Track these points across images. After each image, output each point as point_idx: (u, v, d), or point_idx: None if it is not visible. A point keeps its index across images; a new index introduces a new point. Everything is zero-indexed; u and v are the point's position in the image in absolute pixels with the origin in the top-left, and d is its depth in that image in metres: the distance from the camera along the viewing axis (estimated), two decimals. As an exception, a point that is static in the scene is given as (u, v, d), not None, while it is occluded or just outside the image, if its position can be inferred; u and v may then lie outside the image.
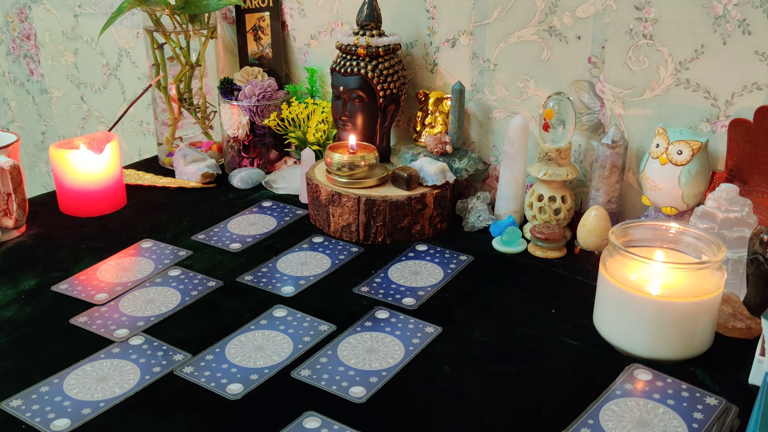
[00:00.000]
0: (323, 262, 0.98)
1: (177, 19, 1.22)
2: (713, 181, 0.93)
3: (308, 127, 1.21)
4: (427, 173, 1.03)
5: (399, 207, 1.01)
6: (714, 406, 0.68)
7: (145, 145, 1.71)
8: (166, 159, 1.31)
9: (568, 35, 1.02)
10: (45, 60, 1.85)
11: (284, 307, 0.87)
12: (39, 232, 1.06)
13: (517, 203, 1.06)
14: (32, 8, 1.81)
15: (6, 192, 1.00)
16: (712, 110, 0.93)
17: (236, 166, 1.26)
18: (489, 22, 1.08)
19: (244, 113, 1.22)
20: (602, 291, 0.80)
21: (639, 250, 0.79)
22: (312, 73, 1.28)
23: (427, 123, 1.15)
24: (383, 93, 1.10)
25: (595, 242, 0.95)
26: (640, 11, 0.95)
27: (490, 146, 1.15)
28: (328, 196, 1.03)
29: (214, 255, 1.00)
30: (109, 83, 1.71)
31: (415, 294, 0.90)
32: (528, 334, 0.82)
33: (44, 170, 2.02)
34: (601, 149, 0.97)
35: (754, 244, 0.79)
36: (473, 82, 1.13)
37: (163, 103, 1.30)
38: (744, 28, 0.88)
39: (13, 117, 2.04)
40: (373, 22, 1.09)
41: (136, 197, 1.17)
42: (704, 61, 0.92)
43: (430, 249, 1.01)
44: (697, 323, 0.75)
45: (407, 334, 0.81)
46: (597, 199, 1.00)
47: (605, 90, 1.01)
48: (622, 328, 0.77)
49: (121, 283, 0.92)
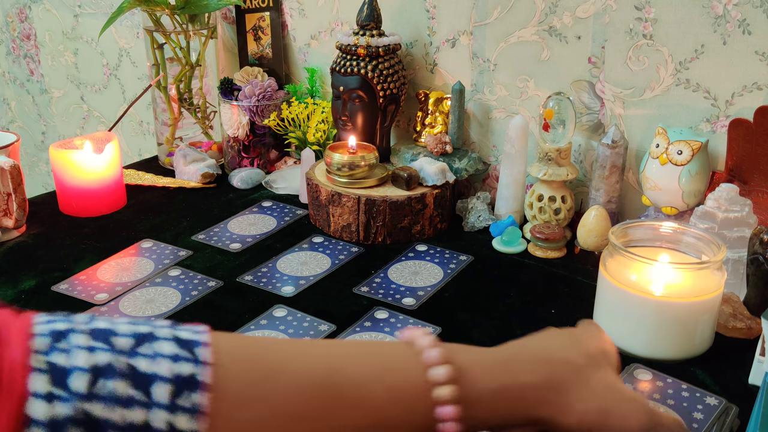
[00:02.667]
0: (323, 262, 0.98)
1: (177, 19, 1.22)
2: (713, 181, 0.93)
3: (308, 127, 1.21)
4: (427, 173, 1.03)
5: (399, 207, 1.01)
6: (714, 406, 0.68)
7: (145, 145, 1.71)
8: (166, 159, 1.31)
9: (568, 35, 1.02)
10: (45, 60, 1.85)
11: (284, 307, 0.87)
12: (39, 232, 1.06)
13: (517, 203, 1.06)
14: (32, 8, 1.81)
15: (6, 192, 1.00)
16: (712, 110, 0.93)
17: (236, 166, 1.26)
18: (489, 22, 1.08)
19: (244, 113, 1.22)
20: (602, 291, 0.80)
21: (639, 250, 0.79)
22: (312, 73, 1.28)
23: (427, 123, 1.15)
24: (383, 93, 1.10)
25: (595, 242, 0.95)
26: (640, 11, 0.95)
27: (490, 146, 1.15)
28: (328, 196, 1.03)
29: (214, 255, 1.00)
30: (109, 83, 1.71)
31: (414, 294, 0.90)
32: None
33: (44, 170, 2.02)
34: (601, 149, 0.97)
35: (754, 244, 0.79)
36: (473, 82, 1.13)
37: (163, 103, 1.30)
38: (744, 28, 0.88)
39: (13, 117, 2.04)
40: (373, 22, 1.09)
41: (136, 197, 1.17)
42: (704, 61, 0.92)
43: (430, 249, 1.01)
44: (698, 323, 0.75)
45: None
46: (597, 199, 1.00)
47: (605, 90, 1.01)
48: (622, 328, 0.77)
49: (121, 283, 0.92)
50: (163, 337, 0.40)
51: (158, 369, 0.38)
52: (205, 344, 0.41)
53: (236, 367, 0.41)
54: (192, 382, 0.38)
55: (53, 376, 0.36)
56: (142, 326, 0.41)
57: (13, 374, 0.35)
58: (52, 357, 0.36)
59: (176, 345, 0.40)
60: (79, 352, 0.37)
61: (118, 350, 0.38)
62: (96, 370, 0.37)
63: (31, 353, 0.36)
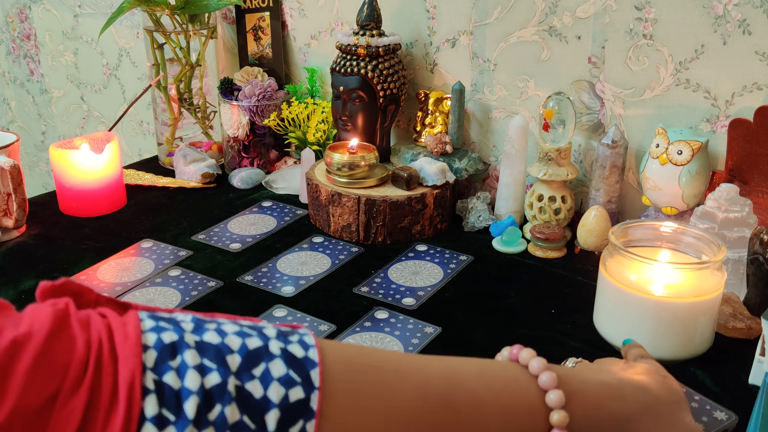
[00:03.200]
0: (323, 262, 0.98)
1: (177, 19, 1.22)
2: (713, 181, 0.93)
3: (308, 127, 1.21)
4: (427, 173, 1.03)
5: (399, 207, 1.01)
6: (721, 421, 0.67)
7: (145, 145, 1.71)
8: (166, 159, 1.31)
9: (568, 35, 1.02)
10: (45, 60, 1.85)
11: (284, 307, 0.87)
12: (39, 232, 1.06)
13: (517, 203, 1.06)
14: (32, 8, 1.81)
15: (6, 192, 1.00)
16: (712, 110, 0.93)
17: (236, 166, 1.26)
18: (489, 22, 1.08)
19: (244, 113, 1.22)
20: (602, 291, 0.80)
21: (639, 250, 0.79)
22: (312, 73, 1.28)
23: (427, 123, 1.15)
24: (383, 93, 1.10)
25: (595, 242, 0.95)
26: (640, 11, 0.95)
27: (490, 146, 1.15)
28: (328, 196, 1.03)
29: (214, 255, 1.00)
30: (109, 83, 1.71)
31: (414, 294, 0.90)
32: (528, 335, 0.82)
33: (44, 170, 2.02)
34: (601, 149, 0.97)
35: (754, 244, 0.79)
36: (473, 82, 1.13)
37: (163, 103, 1.30)
38: (744, 28, 0.88)
39: (13, 117, 2.04)
40: (373, 22, 1.09)
41: (136, 197, 1.17)
42: (704, 61, 0.92)
43: (430, 249, 1.01)
44: (698, 323, 0.75)
45: (407, 334, 0.81)
46: (597, 199, 1.00)
47: (605, 90, 1.01)
48: (622, 328, 0.77)
49: (121, 283, 0.92)
50: (275, 355, 0.39)
51: (270, 394, 0.37)
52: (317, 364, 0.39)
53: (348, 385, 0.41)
54: (303, 407, 0.37)
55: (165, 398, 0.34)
56: (252, 338, 0.39)
57: (132, 394, 0.33)
58: (164, 377, 0.35)
59: (287, 365, 0.38)
60: (190, 372, 0.35)
61: (230, 371, 0.36)
62: (207, 393, 0.35)
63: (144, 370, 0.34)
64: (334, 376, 0.40)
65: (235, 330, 0.39)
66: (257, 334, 0.40)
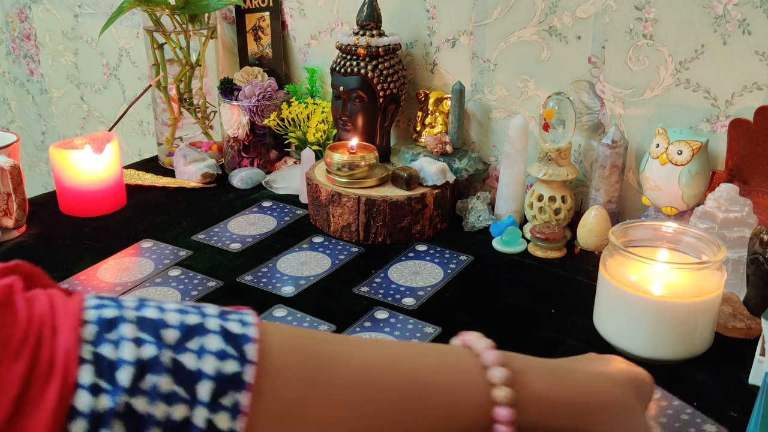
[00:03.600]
0: (323, 262, 0.98)
1: (177, 19, 1.22)
2: (713, 181, 0.93)
3: (308, 127, 1.21)
4: (427, 173, 1.03)
5: (399, 207, 1.01)
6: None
7: (145, 145, 1.71)
8: (166, 159, 1.31)
9: (568, 35, 1.02)
10: (45, 60, 1.85)
11: (284, 307, 0.87)
12: (39, 232, 1.06)
13: (517, 203, 1.06)
14: (32, 8, 1.81)
15: (6, 192, 1.00)
16: (712, 110, 0.93)
17: (236, 166, 1.26)
18: (489, 22, 1.08)
19: (244, 113, 1.22)
20: (602, 291, 0.80)
21: (639, 250, 0.79)
22: (312, 73, 1.28)
23: (427, 123, 1.15)
24: (383, 93, 1.10)
25: (595, 242, 0.95)
26: (640, 11, 0.95)
27: (490, 146, 1.15)
28: (328, 196, 1.03)
29: (214, 255, 1.00)
30: (109, 83, 1.71)
31: (415, 294, 0.90)
32: (528, 335, 0.82)
33: (44, 170, 2.03)
34: (601, 149, 0.97)
35: (754, 244, 0.79)
36: (473, 82, 1.13)
37: (163, 103, 1.30)
38: (744, 28, 0.88)
39: (13, 117, 2.04)
40: (373, 22, 1.09)
41: (136, 197, 1.17)
42: (704, 61, 0.92)
43: (430, 249, 1.01)
44: (697, 323, 0.75)
45: (406, 334, 0.81)
46: (597, 199, 1.00)
47: (605, 90, 1.01)
48: (622, 328, 0.77)
49: (121, 283, 0.92)
50: (212, 330, 0.40)
51: (204, 366, 0.38)
52: (254, 341, 0.40)
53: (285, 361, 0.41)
54: (236, 381, 0.38)
55: (100, 368, 0.36)
56: (191, 315, 0.40)
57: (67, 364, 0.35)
58: (100, 348, 0.36)
59: (224, 340, 0.39)
60: (126, 344, 0.37)
61: (165, 344, 0.38)
62: (142, 364, 0.37)
63: (81, 342, 0.36)
64: (273, 353, 0.41)
65: (176, 308, 0.41)
66: (197, 312, 0.41)
